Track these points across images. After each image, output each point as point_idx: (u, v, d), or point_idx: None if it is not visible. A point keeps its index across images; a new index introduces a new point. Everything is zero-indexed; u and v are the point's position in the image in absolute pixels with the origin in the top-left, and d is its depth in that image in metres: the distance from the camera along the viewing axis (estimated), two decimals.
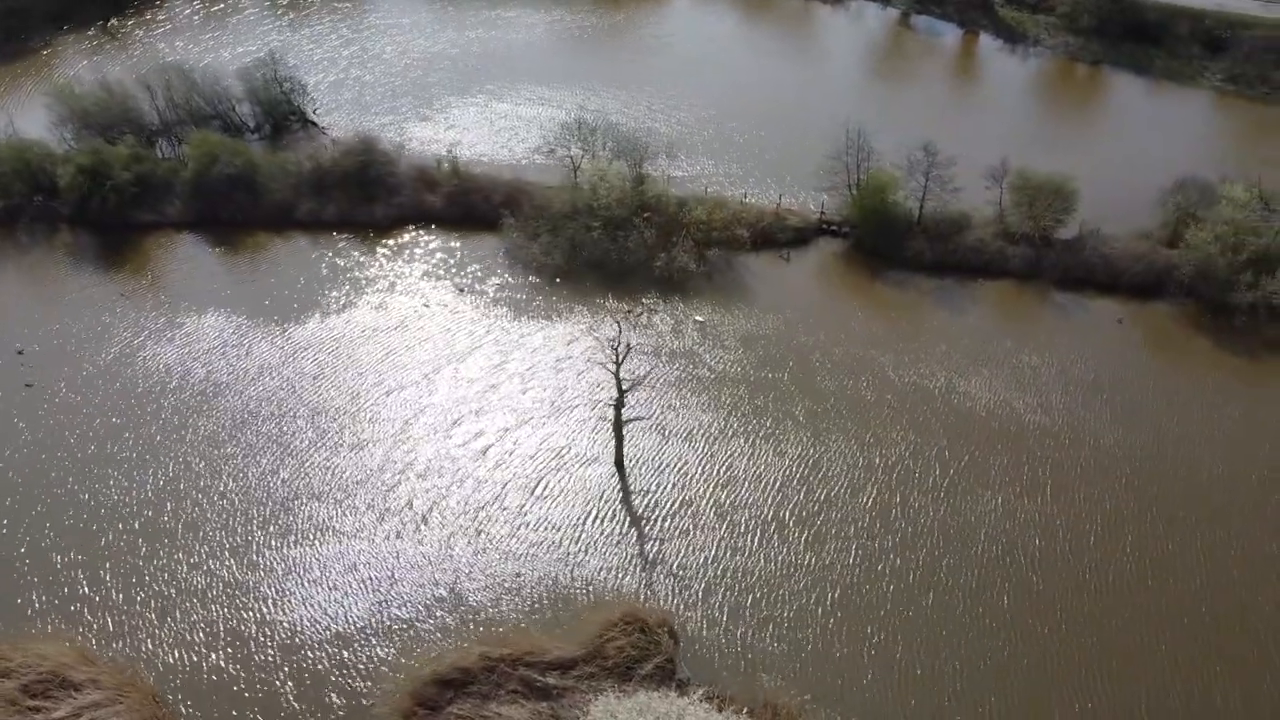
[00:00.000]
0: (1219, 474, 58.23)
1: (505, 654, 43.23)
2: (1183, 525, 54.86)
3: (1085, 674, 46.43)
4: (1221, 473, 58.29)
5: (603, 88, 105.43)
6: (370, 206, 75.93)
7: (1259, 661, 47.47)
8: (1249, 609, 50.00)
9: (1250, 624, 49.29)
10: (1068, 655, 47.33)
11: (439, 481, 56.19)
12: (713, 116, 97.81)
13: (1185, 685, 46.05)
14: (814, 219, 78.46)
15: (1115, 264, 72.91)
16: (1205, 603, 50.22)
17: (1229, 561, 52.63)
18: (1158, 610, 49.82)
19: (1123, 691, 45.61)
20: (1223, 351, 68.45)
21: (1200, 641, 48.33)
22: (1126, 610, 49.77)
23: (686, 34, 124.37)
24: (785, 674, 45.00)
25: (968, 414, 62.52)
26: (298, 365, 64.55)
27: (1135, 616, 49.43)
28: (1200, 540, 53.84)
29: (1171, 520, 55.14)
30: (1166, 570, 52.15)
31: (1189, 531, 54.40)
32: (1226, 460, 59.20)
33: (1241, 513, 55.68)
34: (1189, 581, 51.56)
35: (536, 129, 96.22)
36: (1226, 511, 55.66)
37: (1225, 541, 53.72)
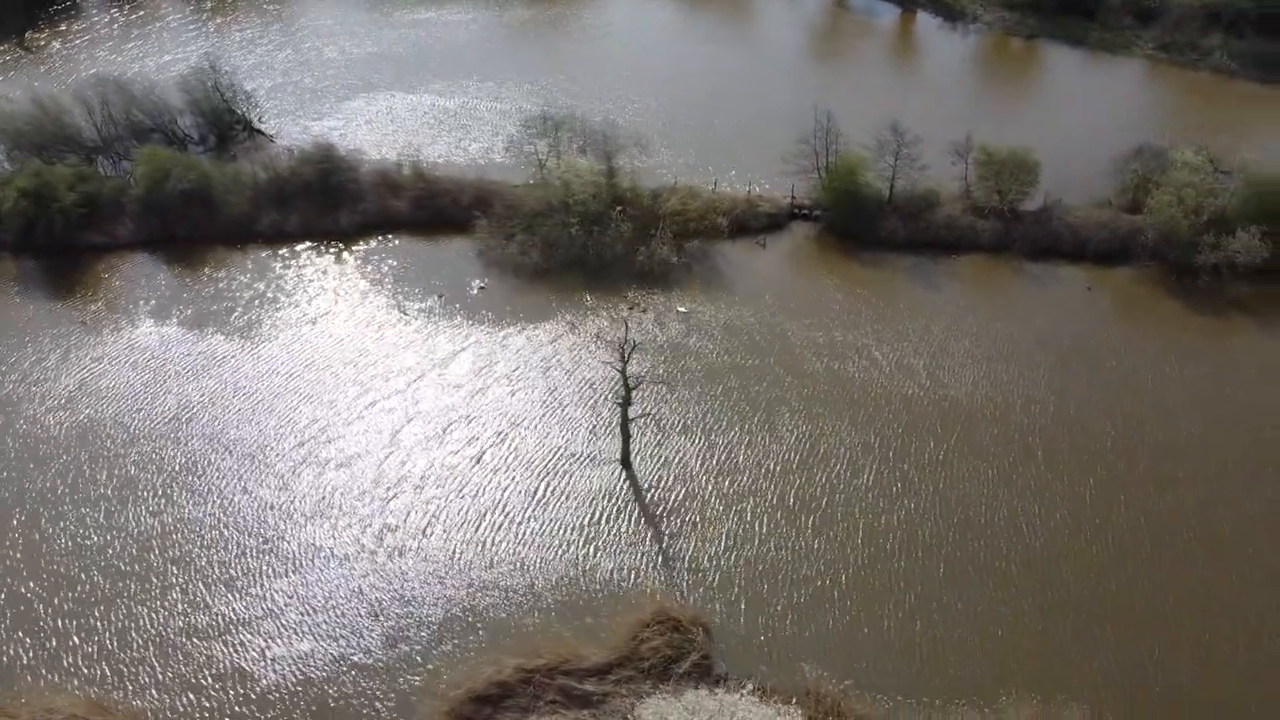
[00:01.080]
0: (1196, 433, 59.70)
1: (540, 664, 42.19)
2: (1170, 484, 56.21)
3: (1095, 633, 47.21)
4: (1199, 431, 59.84)
5: (550, 81, 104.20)
6: (334, 215, 73.33)
7: (1257, 609, 49.17)
8: (1243, 563, 51.49)
9: (1247, 574, 50.84)
10: (1078, 616, 48.06)
11: (437, 493, 54.54)
12: (663, 106, 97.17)
13: (1193, 640, 47.16)
14: (785, 204, 78.49)
15: (1081, 233, 74.67)
16: (1201, 559, 51.59)
17: (1217, 518, 54.00)
18: (1158, 569, 50.92)
19: (1134, 647, 46.51)
20: (1190, 312, 70.60)
21: (1200, 595, 49.49)
22: (1129, 569, 50.75)
23: (627, 24, 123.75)
24: (819, 660, 44.61)
25: (953, 388, 63.09)
26: (273, 383, 62.00)
27: (1137, 575, 50.40)
28: (1189, 498, 55.16)
29: (1159, 480, 56.45)
30: (1161, 529, 53.28)
31: (1176, 490, 55.70)
32: (1202, 419, 60.76)
33: (1222, 469, 57.25)
34: (1183, 537, 52.81)
35: (489, 127, 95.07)
36: (1206, 468, 57.18)
37: (1211, 499, 55.11)
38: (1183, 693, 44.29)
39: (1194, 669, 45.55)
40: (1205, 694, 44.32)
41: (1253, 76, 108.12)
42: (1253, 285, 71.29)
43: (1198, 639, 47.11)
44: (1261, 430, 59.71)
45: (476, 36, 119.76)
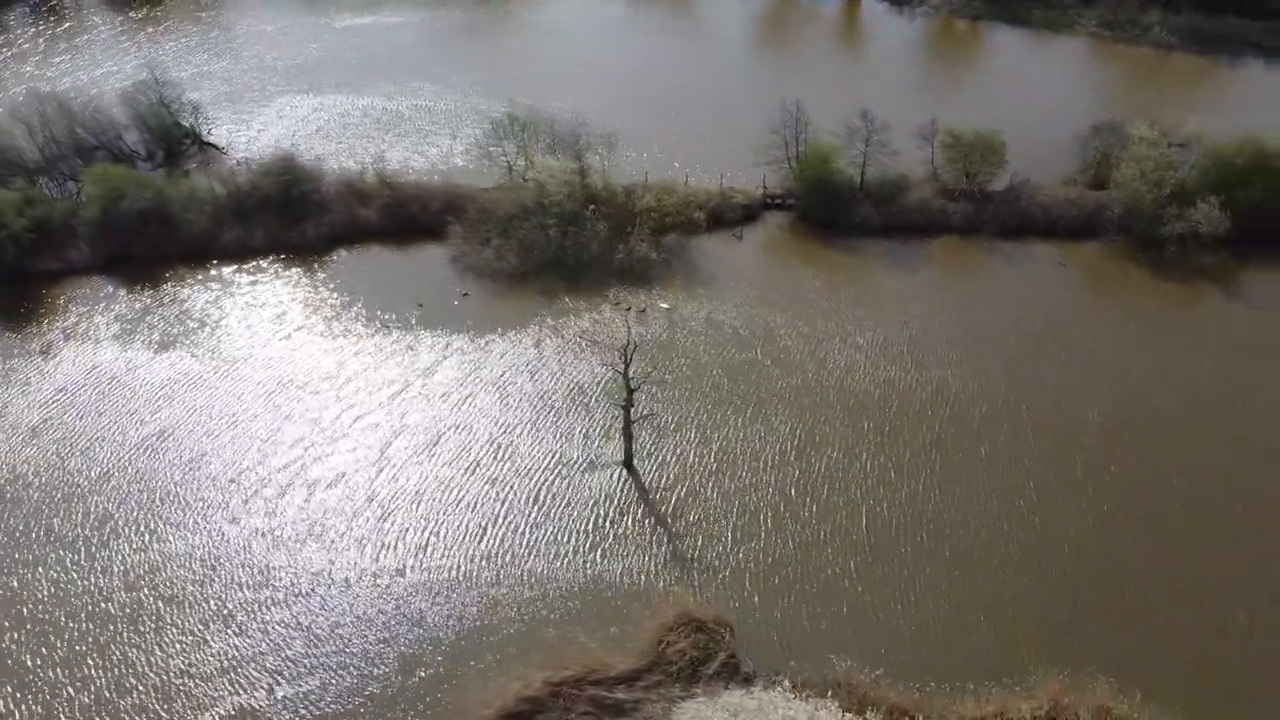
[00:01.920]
0: (1174, 402, 61.06)
1: (568, 676, 41.17)
2: (1154, 448, 57.35)
3: (1103, 606, 47.61)
4: (1177, 399, 61.21)
5: (502, 81, 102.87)
6: (300, 227, 70.84)
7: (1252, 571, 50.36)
8: (1233, 528, 52.57)
9: (1236, 528, 52.18)
10: (1085, 591, 48.46)
11: (434, 507, 52.77)
12: (621, 102, 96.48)
13: (1199, 607, 48.06)
14: (758, 195, 78.28)
15: (1050, 210, 76.01)
16: (1188, 515, 52.83)
17: (1202, 477, 55.23)
18: (1153, 542, 51.55)
19: (1140, 618, 47.07)
20: (1158, 281, 72.40)
21: (1190, 552, 50.59)
22: (1126, 542, 51.40)
23: (572, 21, 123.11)
24: (843, 651, 44.19)
25: (938, 369, 63.49)
26: (251, 404, 59.49)
27: (1133, 548, 51.05)
28: (1168, 460, 56.41)
29: (1144, 445, 57.60)
30: (1149, 493, 54.29)
31: (1159, 461, 56.68)
32: (1178, 390, 62.13)
33: (1198, 431, 58.67)
34: (1169, 500, 53.85)
35: (445, 129, 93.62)
36: (1181, 430, 58.56)
37: (1191, 462, 56.28)
38: (1195, 659, 45.11)
39: (1200, 634, 46.27)
40: (1216, 658, 45.19)
41: (1190, 49, 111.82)
42: (1215, 255, 73.49)
43: (1202, 603, 47.96)
44: (1233, 405, 61.10)
45: (421, 38, 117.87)
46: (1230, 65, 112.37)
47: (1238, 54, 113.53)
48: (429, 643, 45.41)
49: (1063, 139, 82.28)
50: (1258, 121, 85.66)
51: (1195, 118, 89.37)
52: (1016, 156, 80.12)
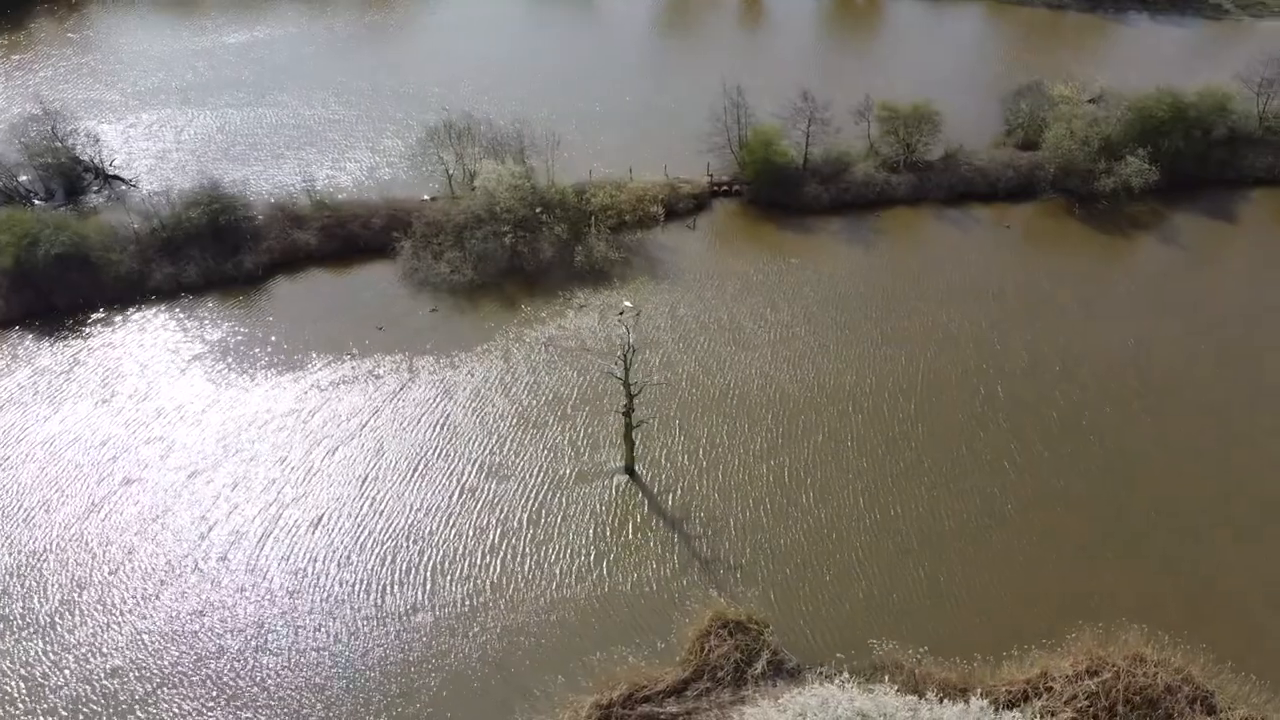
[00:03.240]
0: (1130, 346, 63.37)
1: (617, 695, 39.53)
2: (1123, 401, 59.10)
3: (1108, 556, 48.86)
4: (1131, 345, 63.51)
5: (413, 86, 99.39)
6: (236, 258, 66.27)
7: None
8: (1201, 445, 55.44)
9: (1209, 457, 54.58)
10: (1092, 541, 49.64)
11: (433, 540, 50.03)
12: (544, 98, 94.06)
13: (1189, 541, 50.07)
14: (705, 183, 77.60)
15: (988, 174, 77.91)
16: (1164, 452, 55.10)
17: (1165, 426, 57.36)
18: (1139, 485, 53.23)
19: (1148, 557, 48.73)
20: (1096, 233, 75.17)
21: (1176, 489, 52.60)
22: (1112, 491, 52.69)
23: (468, 20, 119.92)
24: (877, 633, 43.88)
25: (907, 342, 63.92)
26: (208, 451, 55.02)
27: (1121, 495, 52.41)
28: (1144, 411, 58.31)
29: (1114, 400, 59.20)
30: (1121, 436, 56.19)
31: (1130, 405, 58.66)
32: (1132, 334, 64.40)
33: (1140, 373, 61.11)
34: (1142, 442, 55.88)
35: (364, 141, 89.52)
36: (1151, 379, 60.76)
37: (1163, 410, 58.38)
38: (1206, 591, 46.72)
39: (1202, 565, 48.05)
40: (1223, 587, 46.93)
41: (1081, 8, 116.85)
42: (1145, 204, 76.78)
43: (1199, 533, 50.00)
44: (1181, 339, 64.04)
45: (319, 49, 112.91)
46: (1118, 21, 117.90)
47: (1122, 10, 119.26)
48: (458, 685, 42.94)
49: (979, 103, 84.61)
50: (1155, 74, 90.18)
51: (1100, 73, 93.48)
52: (943, 124, 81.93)
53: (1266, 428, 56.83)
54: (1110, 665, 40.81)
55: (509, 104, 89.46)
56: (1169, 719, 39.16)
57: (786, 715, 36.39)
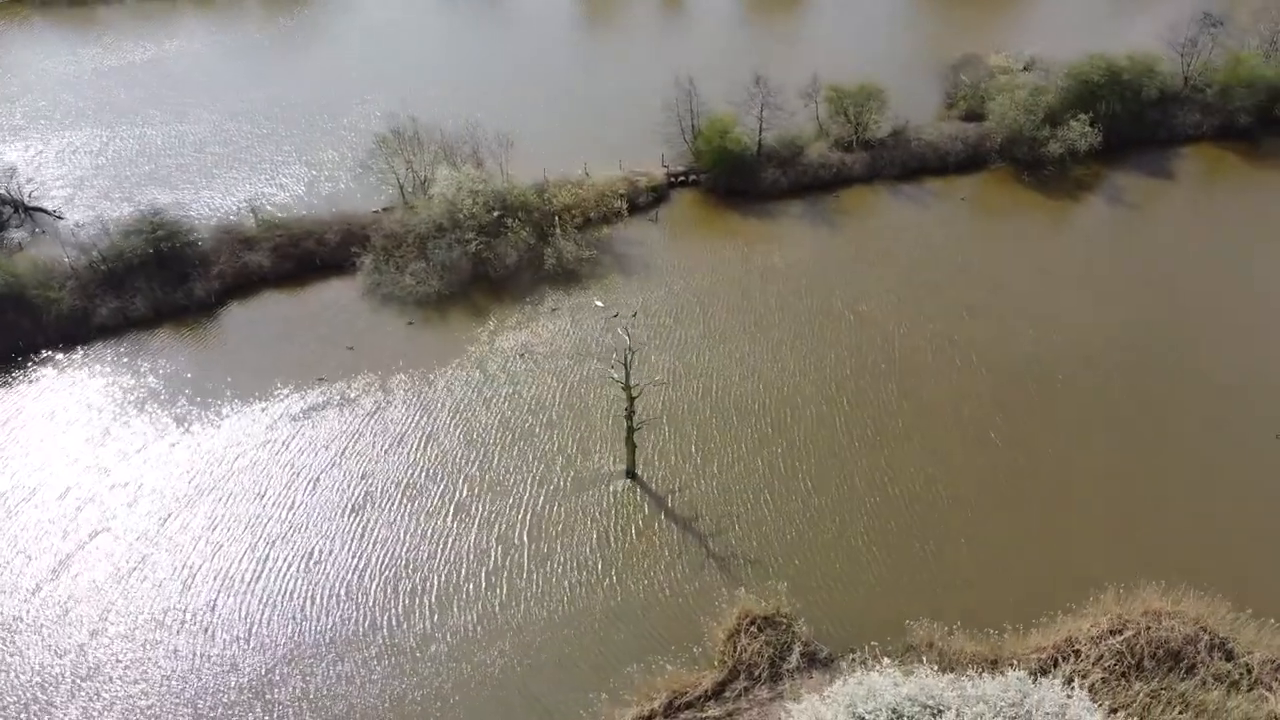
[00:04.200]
0: (1092, 306, 65.02)
1: (657, 705, 38.61)
2: (1089, 357, 60.66)
3: (1110, 512, 49.93)
4: (1094, 304, 65.16)
5: (340, 92, 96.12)
6: (186, 286, 62.63)
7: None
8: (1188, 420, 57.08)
9: (1168, 423, 56.12)
10: (1090, 502, 50.56)
11: (433, 565, 47.93)
12: (471, 98, 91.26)
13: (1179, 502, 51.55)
14: (661, 174, 76.71)
15: (938, 148, 78.95)
16: (1140, 409, 56.52)
17: (1141, 380, 59.03)
18: (1116, 438, 54.77)
19: (1151, 513, 49.86)
20: (1046, 199, 77.02)
21: (1136, 450, 53.97)
22: (1106, 451, 53.85)
23: (390, 19, 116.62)
24: (906, 613, 43.88)
25: (882, 322, 64.04)
26: (181, 490, 51.99)
27: (1111, 452, 53.74)
28: (1115, 370, 59.91)
29: (1084, 360, 60.63)
30: (1109, 406, 57.18)
31: (1099, 366, 60.17)
32: (1092, 289, 66.31)
33: (1105, 331, 62.89)
34: (1122, 405, 57.18)
35: (297, 154, 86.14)
36: (1098, 334, 62.62)
37: (1134, 365, 60.27)
38: (1210, 542, 48.04)
39: (1202, 528, 49.01)
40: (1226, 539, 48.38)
41: None
42: (1088, 167, 79.03)
43: (1196, 493, 51.24)
44: (1140, 292, 66.02)
45: (236, 60, 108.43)
46: None
47: None
48: (497, 713, 41.25)
49: (912, 78, 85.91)
50: (1076, 39, 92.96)
51: (1022, 40, 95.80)
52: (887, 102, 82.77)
53: (1242, 369, 58.89)
54: (1131, 623, 41.63)
55: (446, 108, 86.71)
56: (1192, 668, 40.11)
57: (836, 708, 35.89)
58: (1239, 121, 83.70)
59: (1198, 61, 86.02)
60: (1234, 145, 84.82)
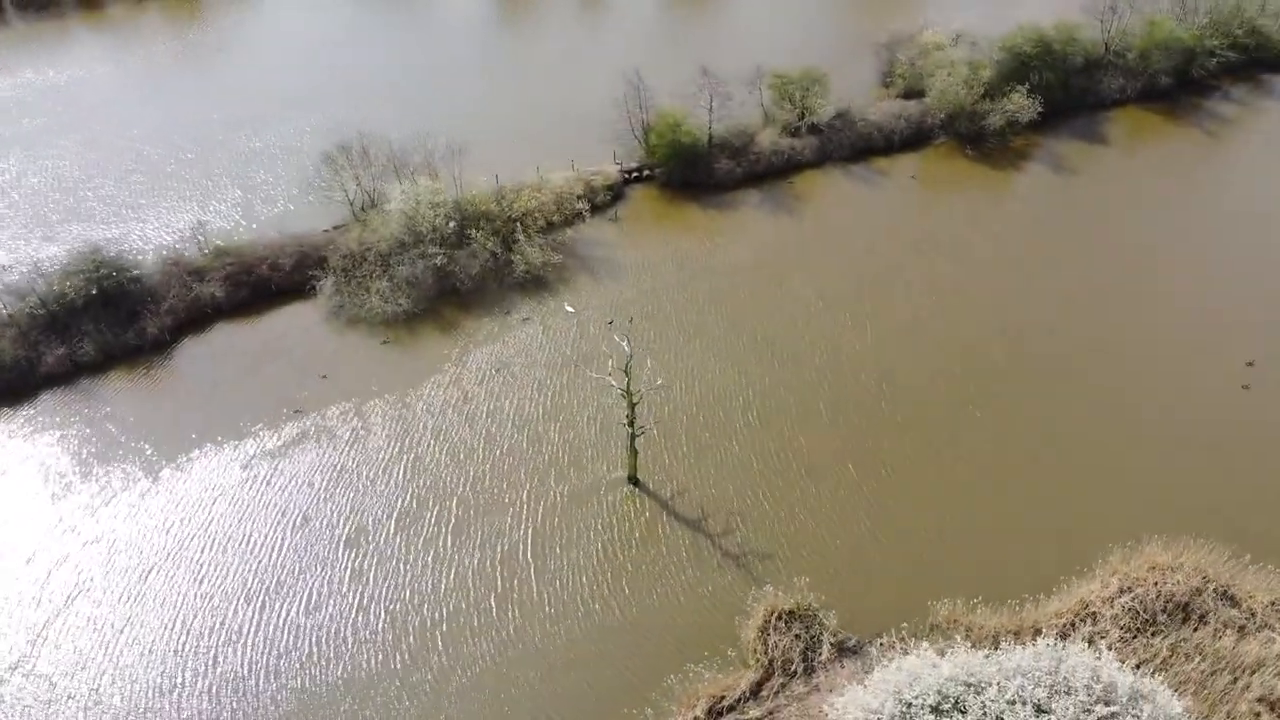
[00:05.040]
0: (1051, 272, 67.34)
1: (700, 711, 38.32)
2: (1053, 321, 62.63)
3: (1098, 471, 51.64)
4: (1051, 269, 67.50)
5: (267, 107, 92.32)
6: (136, 325, 59.08)
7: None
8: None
9: (1140, 379, 58.51)
10: (1070, 466, 52.16)
11: (439, 596, 46.15)
12: (405, 108, 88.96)
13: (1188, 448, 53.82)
14: (614, 172, 75.87)
15: (884, 128, 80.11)
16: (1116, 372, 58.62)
17: (1111, 338, 61.46)
18: (1092, 401, 56.74)
19: (1138, 469, 51.68)
20: (991, 170, 79.13)
21: (1114, 410, 56.04)
22: (1084, 415, 55.62)
23: (302, 27, 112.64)
24: (926, 593, 44.30)
25: (848, 304, 64.61)
26: (157, 545, 49.02)
27: (1088, 416, 55.58)
28: (1077, 327, 62.20)
29: (1048, 329, 62.74)
30: (1082, 368, 59.18)
31: (1061, 334, 62.33)
32: (1045, 253, 68.63)
33: (1065, 294, 65.11)
34: (1094, 365, 59.42)
35: (229, 176, 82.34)
36: (1056, 298, 64.86)
37: (1091, 321, 62.67)
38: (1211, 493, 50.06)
39: (1193, 482, 50.93)
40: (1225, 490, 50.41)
41: None
42: (1027, 137, 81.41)
43: (1182, 448, 53.36)
44: (1093, 251, 68.32)
45: (142, 80, 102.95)
46: None
47: None
48: None
49: (841, 58, 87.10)
50: (999, 10, 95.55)
51: (942, 16, 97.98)
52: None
53: (1197, 316, 61.71)
54: (1139, 580, 43.04)
55: (382, 119, 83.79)
56: (1202, 618, 41.68)
57: (882, 696, 36.11)
58: (1159, 84, 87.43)
59: (1116, 28, 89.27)
60: (1156, 106, 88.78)
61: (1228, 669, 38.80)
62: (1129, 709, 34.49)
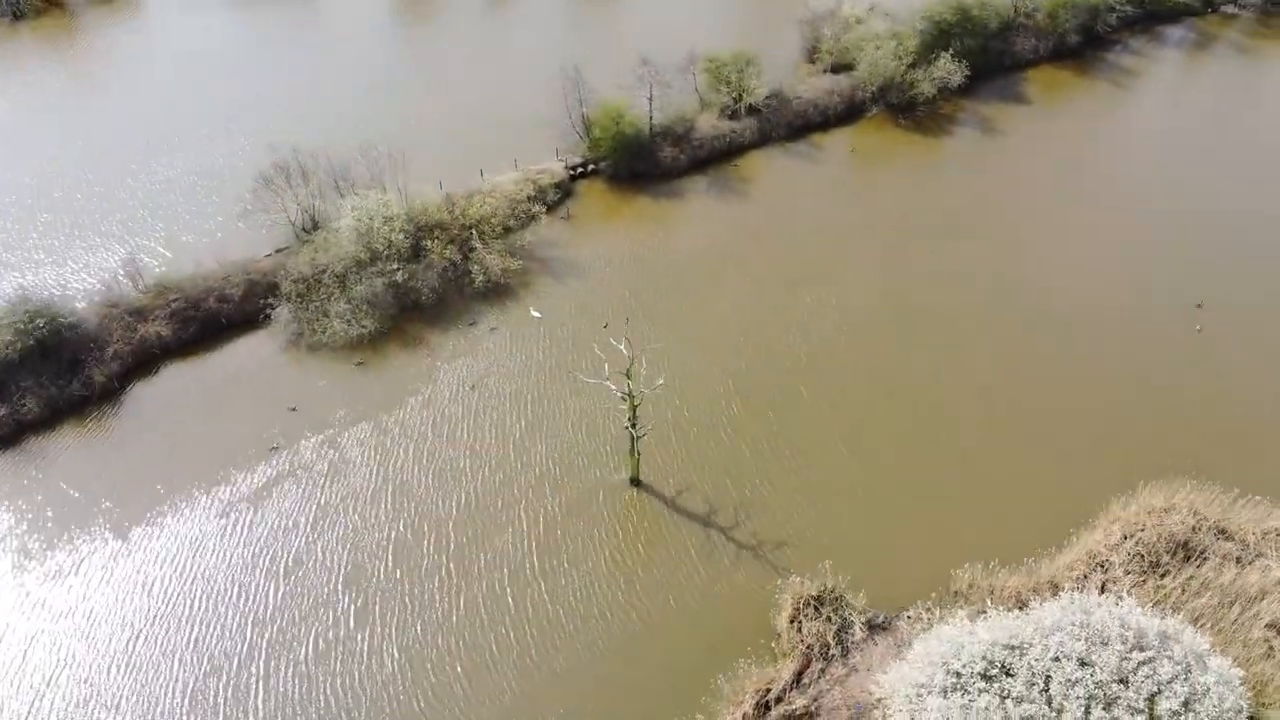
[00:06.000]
0: (1001, 232, 69.89)
1: (748, 705, 38.30)
2: (1012, 279, 65.26)
3: (1087, 424, 53.92)
4: (1001, 229, 70.10)
5: (165, 131, 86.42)
6: (81, 374, 54.72)
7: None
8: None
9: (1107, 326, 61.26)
10: (1056, 420, 54.38)
11: (450, 627, 44.49)
12: (326, 117, 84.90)
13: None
14: (560, 169, 74.38)
15: (818, 104, 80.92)
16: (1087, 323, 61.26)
17: (1076, 284, 64.22)
18: (1065, 355, 59.37)
19: (1129, 421, 54.04)
20: (924, 137, 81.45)
21: (1089, 361, 58.79)
22: (1060, 371, 58.36)
23: (186, 42, 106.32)
24: (947, 562, 45.13)
25: (808, 283, 65.30)
26: (139, 608, 45.80)
27: (1064, 372, 58.24)
28: (1043, 280, 64.79)
29: (1008, 281, 65.20)
30: (1050, 323, 61.98)
31: (1031, 281, 65.00)
32: (993, 213, 71.20)
33: (1018, 251, 68.10)
34: (1062, 314, 62.07)
35: (148, 210, 76.77)
36: (1009, 255, 67.55)
37: (1053, 270, 65.25)
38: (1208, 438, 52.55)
39: (1178, 426, 53.57)
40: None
41: None
42: (951, 102, 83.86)
43: (1158, 393, 56.00)
44: (1040, 206, 71.03)
45: (23, 110, 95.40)
46: None
47: None
48: None
49: (760, 37, 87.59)
50: None
51: None
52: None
53: (1142, 262, 64.93)
54: (1139, 524, 44.88)
55: (305, 134, 79.35)
56: (1202, 554, 43.76)
57: (930, 669, 36.66)
58: (1069, 42, 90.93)
59: None
60: (1067, 64, 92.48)
61: (1236, 600, 40.83)
62: (1162, 652, 36.01)
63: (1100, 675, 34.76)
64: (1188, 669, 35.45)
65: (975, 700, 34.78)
